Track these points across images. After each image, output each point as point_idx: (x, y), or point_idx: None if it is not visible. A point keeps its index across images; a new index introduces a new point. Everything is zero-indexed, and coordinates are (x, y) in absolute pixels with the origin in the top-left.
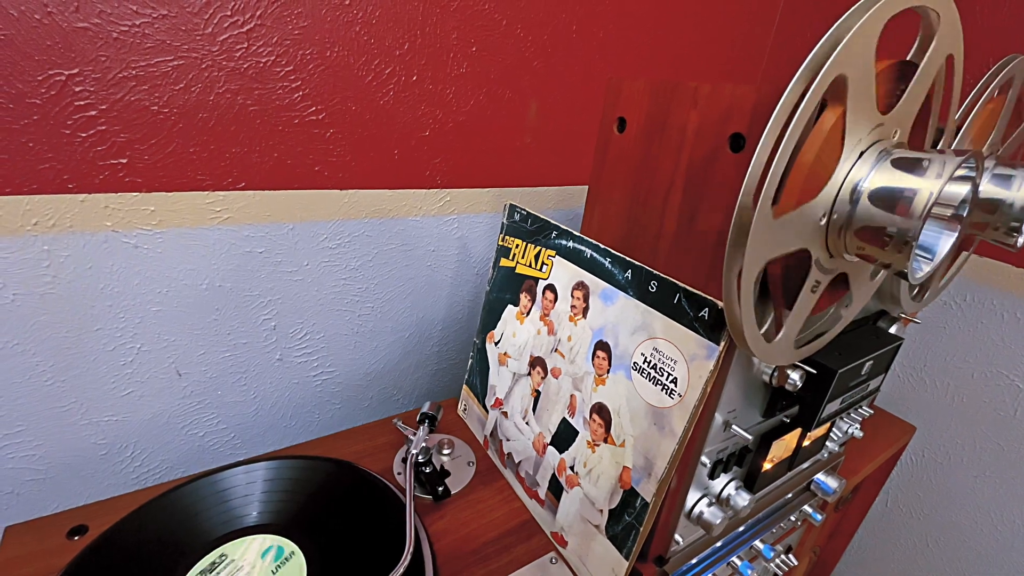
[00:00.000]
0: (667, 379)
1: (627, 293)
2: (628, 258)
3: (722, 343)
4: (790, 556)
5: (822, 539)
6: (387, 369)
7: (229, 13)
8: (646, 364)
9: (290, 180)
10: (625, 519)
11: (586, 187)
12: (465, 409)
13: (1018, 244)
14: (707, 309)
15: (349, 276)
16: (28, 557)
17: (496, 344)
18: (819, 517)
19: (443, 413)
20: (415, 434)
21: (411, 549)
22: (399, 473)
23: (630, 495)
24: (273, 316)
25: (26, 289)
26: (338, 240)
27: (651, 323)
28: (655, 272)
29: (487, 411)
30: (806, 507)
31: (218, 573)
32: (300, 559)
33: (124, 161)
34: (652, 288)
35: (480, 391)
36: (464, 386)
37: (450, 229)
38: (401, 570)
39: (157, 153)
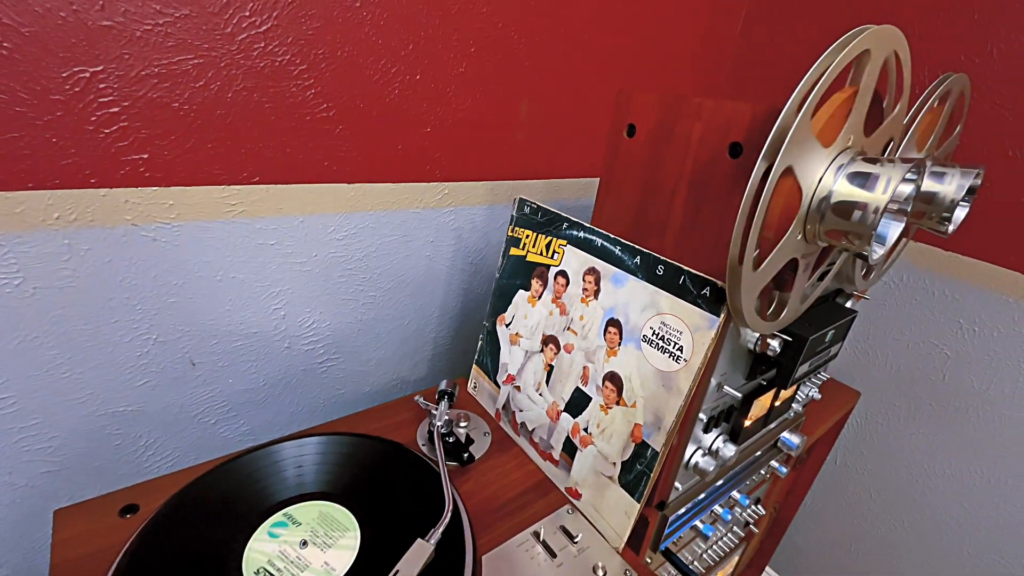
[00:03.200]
0: (674, 347)
1: (636, 276)
2: (637, 246)
3: (722, 315)
4: (758, 506)
5: (781, 496)
6: (387, 355)
7: (248, 14)
8: (655, 336)
9: (301, 174)
10: (637, 468)
11: (572, 180)
12: (475, 387)
13: (949, 231)
14: (708, 288)
15: (354, 267)
16: (84, 536)
17: (507, 326)
18: (784, 470)
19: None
20: (437, 409)
21: (451, 507)
22: (423, 444)
23: (641, 447)
24: (283, 306)
25: (46, 283)
26: (345, 232)
27: (659, 301)
28: (662, 258)
29: (499, 387)
30: (773, 462)
31: (285, 529)
32: (352, 519)
33: (145, 156)
34: (659, 272)
35: (491, 369)
36: (474, 366)
37: (447, 220)
38: (444, 525)
39: (176, 148)
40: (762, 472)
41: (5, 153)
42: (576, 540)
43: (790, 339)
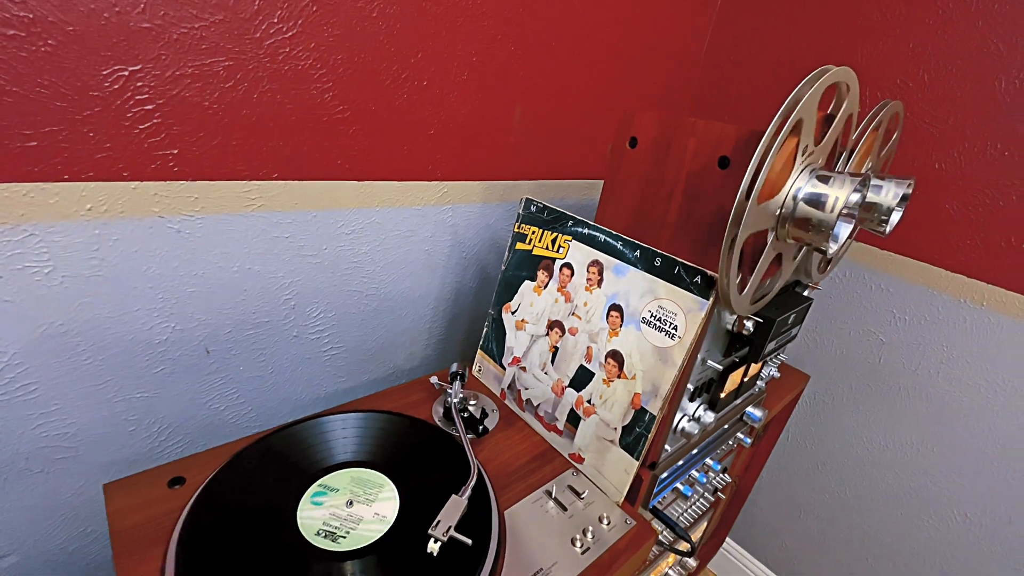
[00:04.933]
0: (669, 327)
1: (636, 267)
2: (637, 241)
3: (711, 299)
4: (725, 475)
5: (741, 470)
6: (386, 345)
7: (276, 20)
8: (652, 318)
9: (316, 171)
10: (636, 430)
11: (557, 181)
12: (480, 370)
13: (887, 231)
14: (699, 276)
15: (360, 260)
16: (137, 506)
17: (513, 313)
18: (748, 441)
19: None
20: (452, 388)
21: (476, 471)
22: (439, 420)
23: (640, 413)
24: (293, 296)
25: (75, 271)
26: (353, 227)
27: (656, 288)
28: (659, 251)
29: (504, 369)
30: (739, 434)
31: (324, 497)
32: (388, 483)
33: (175, 152)
34: (657, 263)
35: (496, 353)
36: (479, 351)
37: (445, 217)
38: (472, 482)
39: (204, 145)
40: (730, 443)
41: (44, 146)
42: (582, 496)
43: (761, 320)
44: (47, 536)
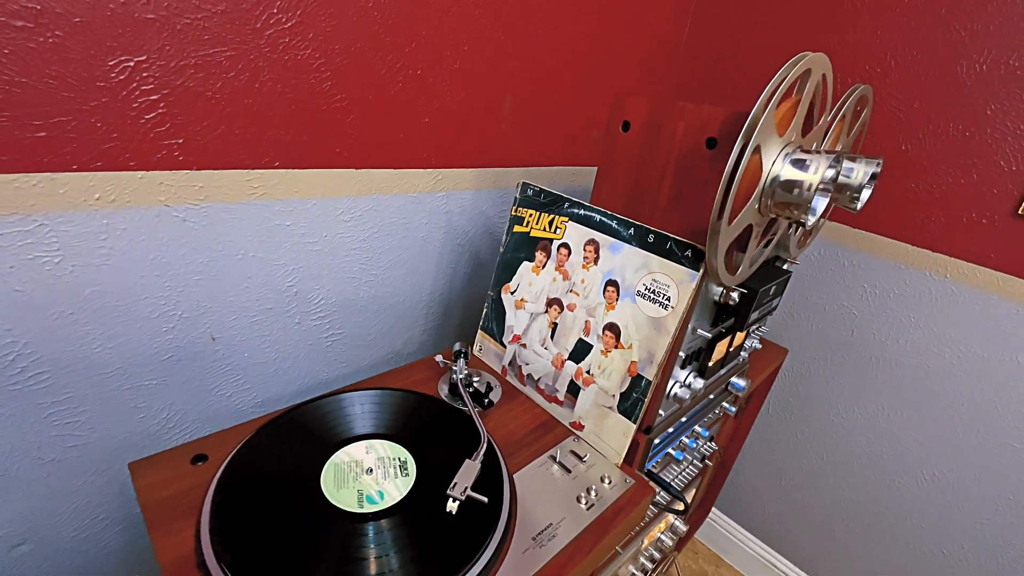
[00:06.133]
0: (663, 298)
1: (631, 244)
2: (631, 220)
3: (701, 271)
4: (712, 443)
5: (725, 441)
6: (384, 330)
7: (276, 11)
8: (647, 291)
9: (316, 160)
10: (633, 396)
11: (550, 168)
12: (480, 349)
13: (858, 208)
14: (690, 250)
15: (359, 247)
16: (164, 482)
17: (512, 293)
18: (732, 409)
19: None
20: (457, 365)
21: (485, 437)
22: (446, 396)
23: (636, 379)
24: (295, 283)
25: (84, 261)
26: (352, 214)
27: (650, 263)
28: (652, 228)
29: (504, 347)
30: (724, 403)
31: (345, 466)
32: (404, 452)
33: (180, 141)
34: (650, 240)
35: (496, 332)
36: (479, 331)
37: (440, 204)
38: (484, 448)
39: (208, 134)
40: (716, 411)
41: (53, 136)
42: (584, 459)
43: (746, 291)
44: (60, 524)
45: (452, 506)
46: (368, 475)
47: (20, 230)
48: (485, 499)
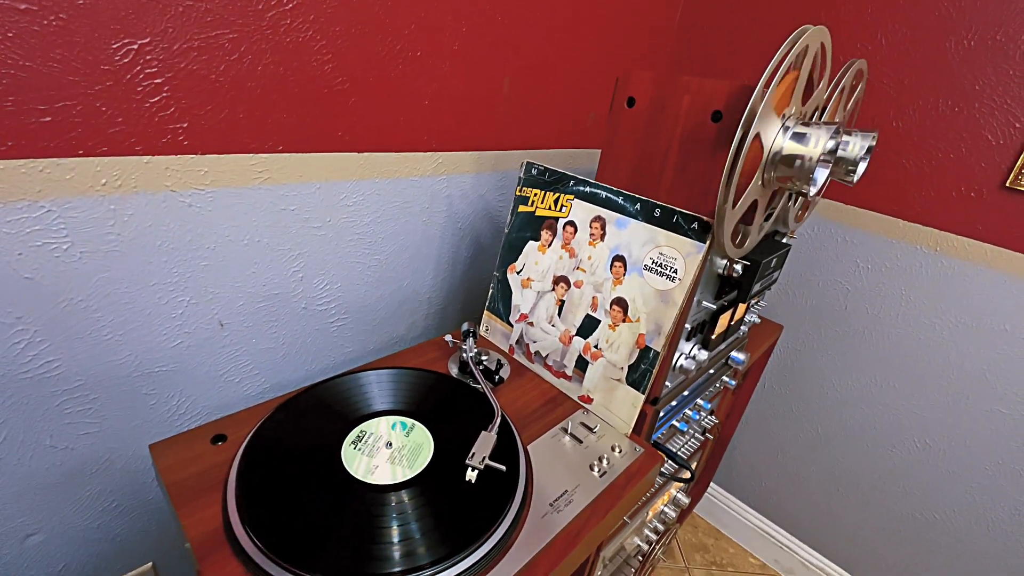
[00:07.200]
0: (670, 271)
1: (637, 219)
2: (637, 195)
3: (707, 242)
4: (713, 416)
5: (722, 417)
6: (388, 315)
7: None
8: (654, 264)
9: (319, 143)
10: (641, 367)
11: (548, 151)
12: (487, 329)
13: (854, 181)
14: (696, 223)
15: (363, 231)
16: (185, 461)
17: (518, 273)
18: (732, 383)
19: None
20: (466, 344)
21: (499, 412)
22: (456, 374)
23: (644, 351)
24: (301, 268)
25: (92, 247)
26: (355, 198)
27: (656, 237)
28: (658, 203)
29: (511, 326)
30: (724, 377)
31: (365, 440)
32: (421, 427)
33: (185, 125)
34: (656, 214)
35: (503, 312)
36: (486, 312)
37: (440, 188)
38: (498, 421)
39: (212, 118)
40: (717, 385)
41: (58, 120)
42: (594, 430)
43: (748, 263)
44: (73, 513)
45: (471, 475)
46: (388, 448)
47: (28, 216)
48: (503, 468)
